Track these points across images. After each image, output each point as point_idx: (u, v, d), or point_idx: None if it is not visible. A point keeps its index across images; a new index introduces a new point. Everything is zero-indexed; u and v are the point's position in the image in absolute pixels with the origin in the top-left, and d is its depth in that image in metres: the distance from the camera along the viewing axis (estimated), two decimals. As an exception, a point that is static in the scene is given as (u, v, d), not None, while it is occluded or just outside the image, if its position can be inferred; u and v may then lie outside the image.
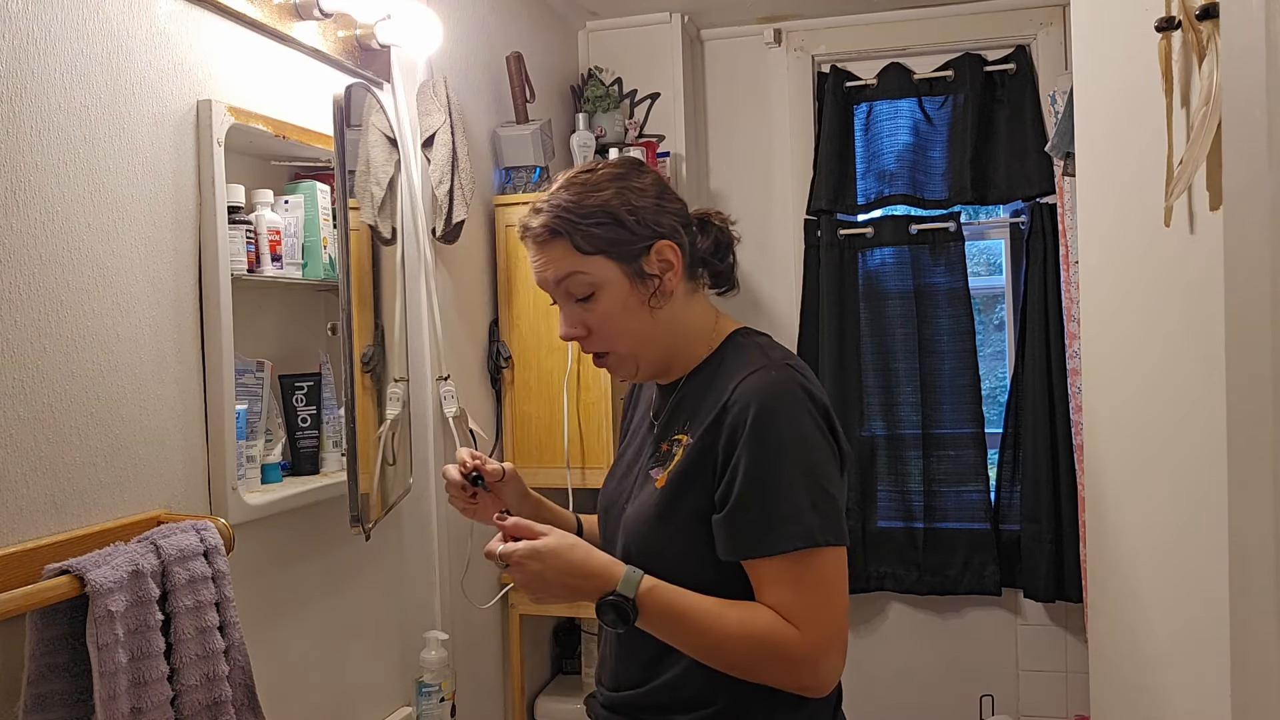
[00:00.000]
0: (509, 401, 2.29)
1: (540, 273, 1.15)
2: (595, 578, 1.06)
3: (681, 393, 1.18)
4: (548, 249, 1.14)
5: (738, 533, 1.04)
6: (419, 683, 1.87)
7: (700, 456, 1.09)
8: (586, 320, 1.15)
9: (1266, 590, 0.59)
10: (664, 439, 1.17)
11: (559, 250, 1.13)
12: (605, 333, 1.15)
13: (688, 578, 1.07)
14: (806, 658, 1.02)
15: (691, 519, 1.09)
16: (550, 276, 1.14)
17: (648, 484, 1.15)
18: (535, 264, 1.16)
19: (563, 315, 1.17)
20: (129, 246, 1.26)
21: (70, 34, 1.18)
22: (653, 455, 1.18)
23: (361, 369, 1.55)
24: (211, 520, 1.25)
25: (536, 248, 1.15)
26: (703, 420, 1.10)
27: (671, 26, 2.92)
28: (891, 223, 2.98)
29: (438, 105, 1.95)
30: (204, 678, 1.18)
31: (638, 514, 1.14)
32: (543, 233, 1.13)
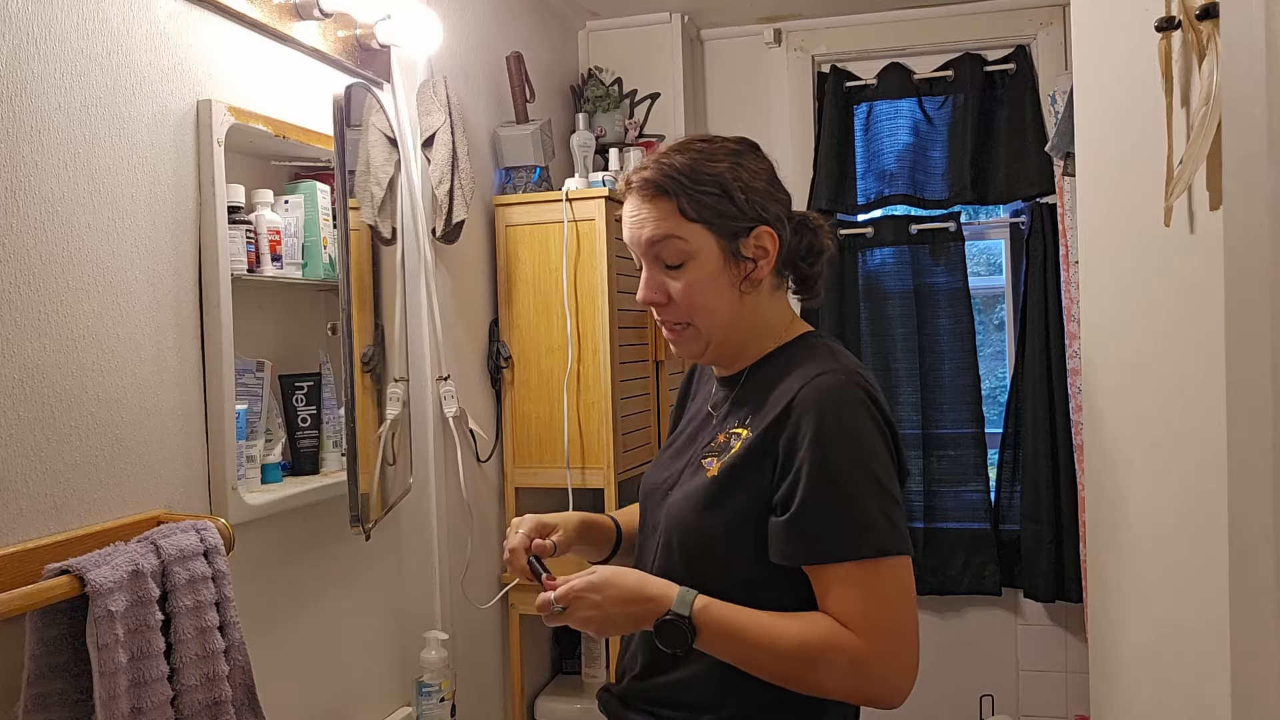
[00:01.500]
0: (509, 401, 2.29)
1: (635, 229, 1.12)
2: (651, 600, 1.05)
3: (744, 387, 1.16)
4: (650, 205, 1.11)
5: (804, 537, 1.02)
6: (419, 683, 1.87)
7: (757, 453, 1.07)
8: (670, 288, 1.12)
9: (1266, 589, 0.59)
10: (721, 430, 1.15)
11: (662, 210, 1.10)
12: (687, 304, 1.12)
13: (725, 572, 1.07)
14: (871, 667, 0.99)
15: (738, 515, 1.07)
16: (646, 235, 1.11)
17: (699, 473, 1.13)
18: (632, 219, 1.13)
19: (645, 277, 1.13)
20: (129, 246, 1.26)
21: (70, 34, 1.18)
22: (708, 445, 1.16)
23: (361, 369, 1.55)
24: (211, 520, 1.25)
25: (639, 201, 1.12)
26: (764, 417, 1.08)
27: (671, 26, 2.92)
28: (891, 223, 2.98)
29: (438, 105, 1.95)
30: (204, 677, 1.18)
31: (684, 501, 1.13)
32: (650, 188, 1.11)
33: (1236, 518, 0.65)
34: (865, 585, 1.00)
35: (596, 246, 2.21)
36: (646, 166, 1.12)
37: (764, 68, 3.06)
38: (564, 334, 2.23)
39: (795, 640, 1.01)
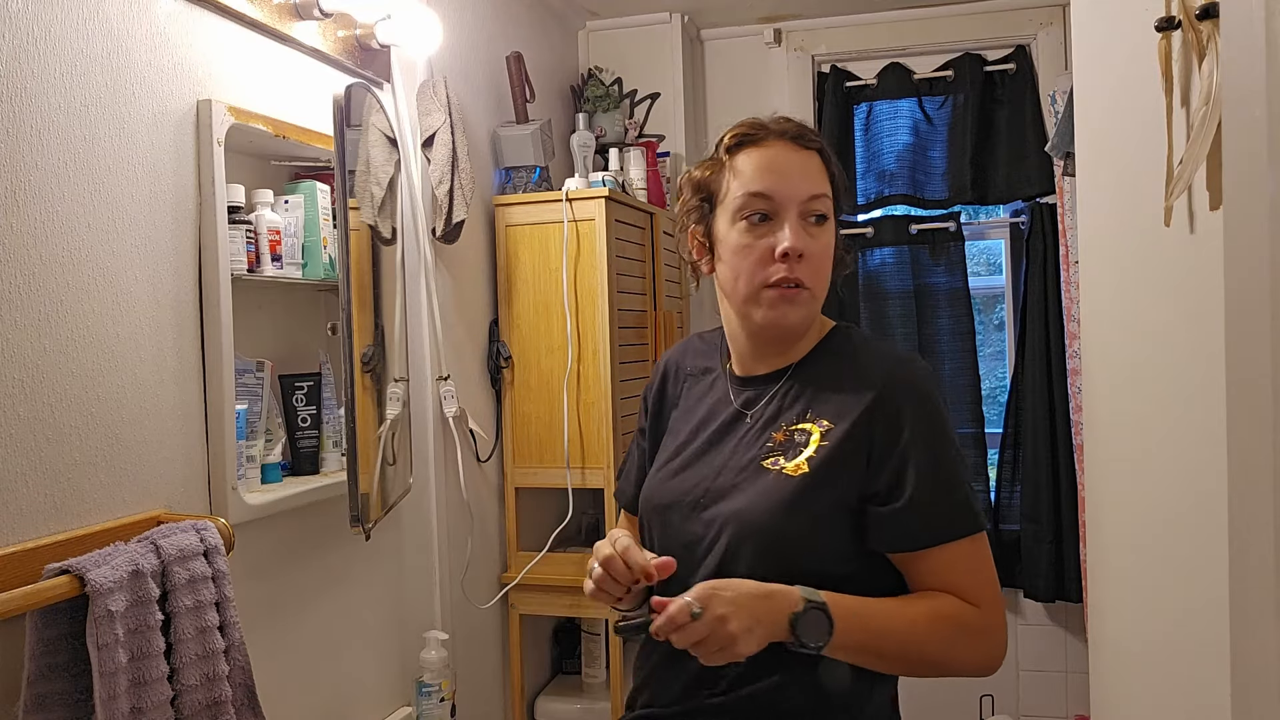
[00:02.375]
0: (509, 401, 2.29)
1: (795, 177, 1.09)
2: (774, 595, 0.99)
3: (793, 381, 1.14)
4: (809, 158, 1.12)
5: (920, 521, 1.03)
6: (419, 683, 1.87)
7: (850, 446, 1.06)
8: (809, 246, 1.09)
9: (1266, 589, 0.59)
10: (774, 429, 1.11)
11: (818, 165, 1.12)
12: (817, 264, 1.11)
13: (813, 571, 1.04)
14: (993, 633, 1.04)
15: (831, 510, 1.06)
16: (808, 187, 1.10)
17: (762, 475, 1.08)
18: (789, 170, 1.10)
19: (794, 230, 1.08)
20: (129, 246, 1.26)
21: (70, 34, 1.18)
22: (763, 446, 1.11)
23: (361, 369, 1.55)
24: (211, 520, 1.25)
25: (797, 150, 1.11)
26: (848, 409, 1.07)
27: (671, 26, 2.92)
28: (891, 223, 2.98)
29: (438, 105, 1.95)
30: (204, 677, 1.18)
31: (758, 505, 1.07)
32: (812, 141, 1.12)
33: (1236, 517, 0.65)
34: (974, 559, 1.05)
35: (596, 246, 2.21)
36: (798, 122, 1.13)
37: (764, 68, 3.06)
38: (564, 334, 2.23)
39: (929, 617, 1.03)
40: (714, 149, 1.18)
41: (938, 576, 1.05)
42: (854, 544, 1.07)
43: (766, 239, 1.09)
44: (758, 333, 1.15)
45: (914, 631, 1.02)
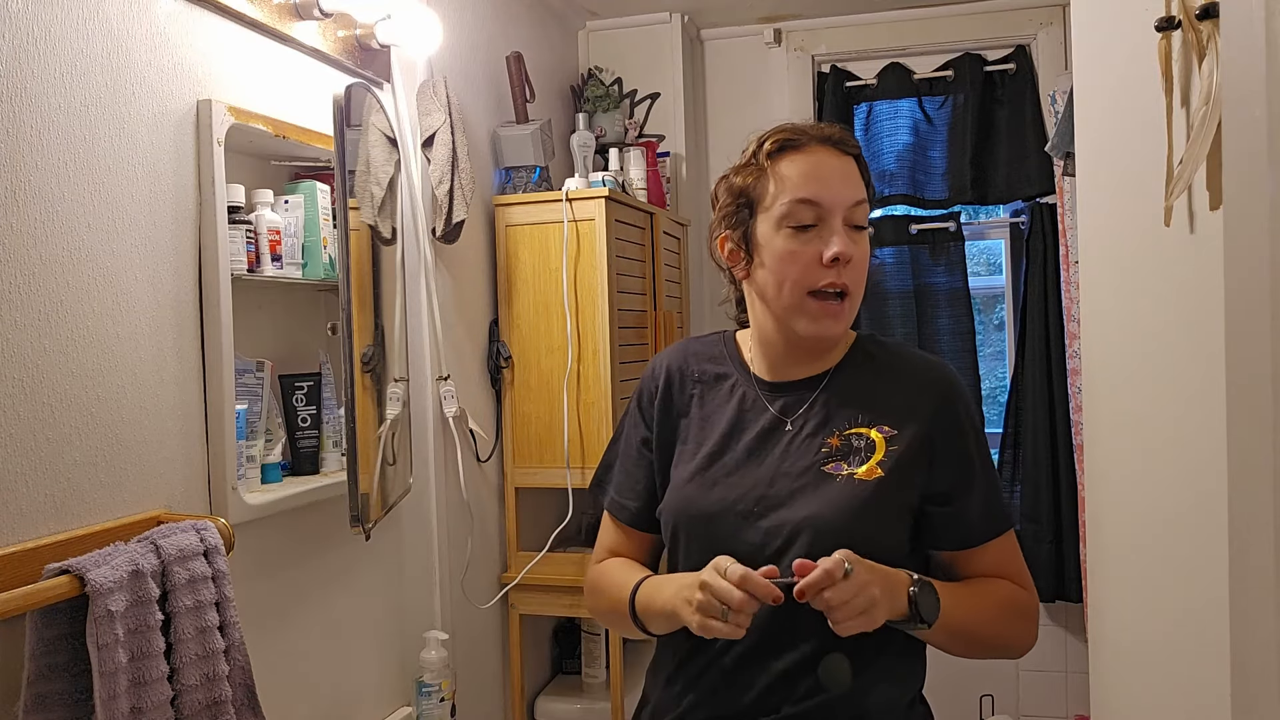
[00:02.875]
0: (509, 401, 2.29)
1: (842, 187, 1.10)
2: (891, 571, 1.02)
3: (833, 388, 1.15)
4: (850, 165, 1.14)
5: (983, 518, 1.11)
6: (419, 683, 1.87)
7: (916, 450, 1.09)
8: (854, 253, 1.10)
9: (1266, 589, 0.59)
10: (825, 435, 1.12)
11: (856, 171, 1.14)
12: (859, 270, 1.12)
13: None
14: (1037, 615, 1.15)
15: (900, 512, 1.10)
16: (853, 193, 1.11)
17: (827, 481, 1.08)
18: (835, 177, 1.11)
19: (843, 237, 1.09)
20: (129, 246, 1.26)
21: (70, 34, 1.18)
22: (818, 452, 1.11)
23: (361, 369, 1.55)
24: (211, 520, 1.25)
25: (840, 157, 1.13)
26: (906, 413, 1.11)
27: (671, 26, 2.92)
28: (891, 223, 2.98)
29: (438, 105, 1.95)
30: (204, 677, 1.18)
31: (831, 510, 1.06)
32: (853, 148, 1.15)
33: (1236, 517, 0.65)
34: (1014, 548, 1.14)
35: (596, 246, 2.21)
36: (831, 127, 1.15)
37: (764, 68, 3.06)
38: (564, 334, 2.23)
39: (1000, 601, 1.11)
40: (752, 154, 1.17)
41: (991, 568, 1.12)
42: (908, 544, 1.11)
43: (813, 245, 1.09)
44: (798, 342, 1.15)
45: (991, 613, 1.10)
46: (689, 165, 2.96)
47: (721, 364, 1.23)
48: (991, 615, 1.10)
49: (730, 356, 1.23)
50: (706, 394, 1.21)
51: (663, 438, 1.22)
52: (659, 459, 1.22)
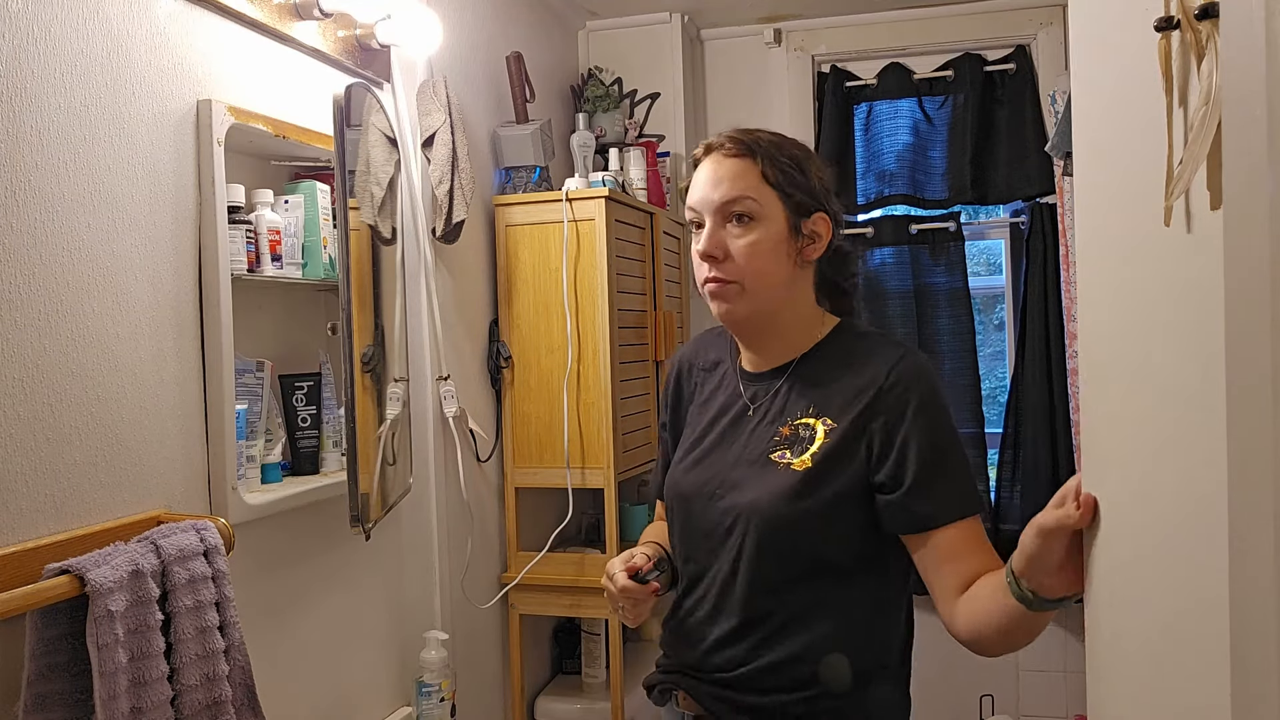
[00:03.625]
0: (509, 401, 2.29)
1: (710, 188, 1.18)
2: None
3: (795, 377, 1.22)
4: (729, 166, 1.18)
5: (927, 505, 1.11)
6: (419, 683, 1.87)
7: (850, 440, 1.14)
8: (731, 245, 1.17)
9: (1267, 591, 0.59)
10: (780, 424, 1.19)
11: (741, 169, 1.18)
12: (743, 262, 1.17)
13: (828, 557, 1.15)
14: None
15: (835, 500, 1.14)
16: (720, 195, 1.17)
17: (769, 469, 1.17)
18: (706, 181, 1.19)
19: (709, 233, 1.18)
20: (129, 246, 1.26)
21: (70, 34, 1.18)
22: (770, 440, 1.19)
23: (361, 369, 1.55)
24: (211, 520, 1.25)
25: (716, 163, 1.19)
26: (849, 404, 1.15)
27: (671, 26, 2.92)
28: (891, 223, 2.98)
29: (438, 105, 1.95)
30: (204, 677, 1.18)
31: (767, 497, 1.15)
32: (735, 149, 1.18)
33: (1236, 519, 0.65)
34: (982, 537, 1.14)
35: (596, 246, 2.21)
36: (729, 134, 1.21)
37: (764, 68, 3.06)
38: (564, 334, 2.23)
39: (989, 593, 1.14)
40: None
41: (958, 555, 1.12)
42: (862, 532, 1.15)
43: (697, 245, 1.21)
44: (733, 329, 1.26)
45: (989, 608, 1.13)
46: (689, 165, 2.96)
47: (721, 352, 1.33)
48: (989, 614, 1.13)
49: (730, 348, 1.32)
50: (706, 382, 1.32)
51: (675, 423, 1.36)
52: (672, 441, 1.36)
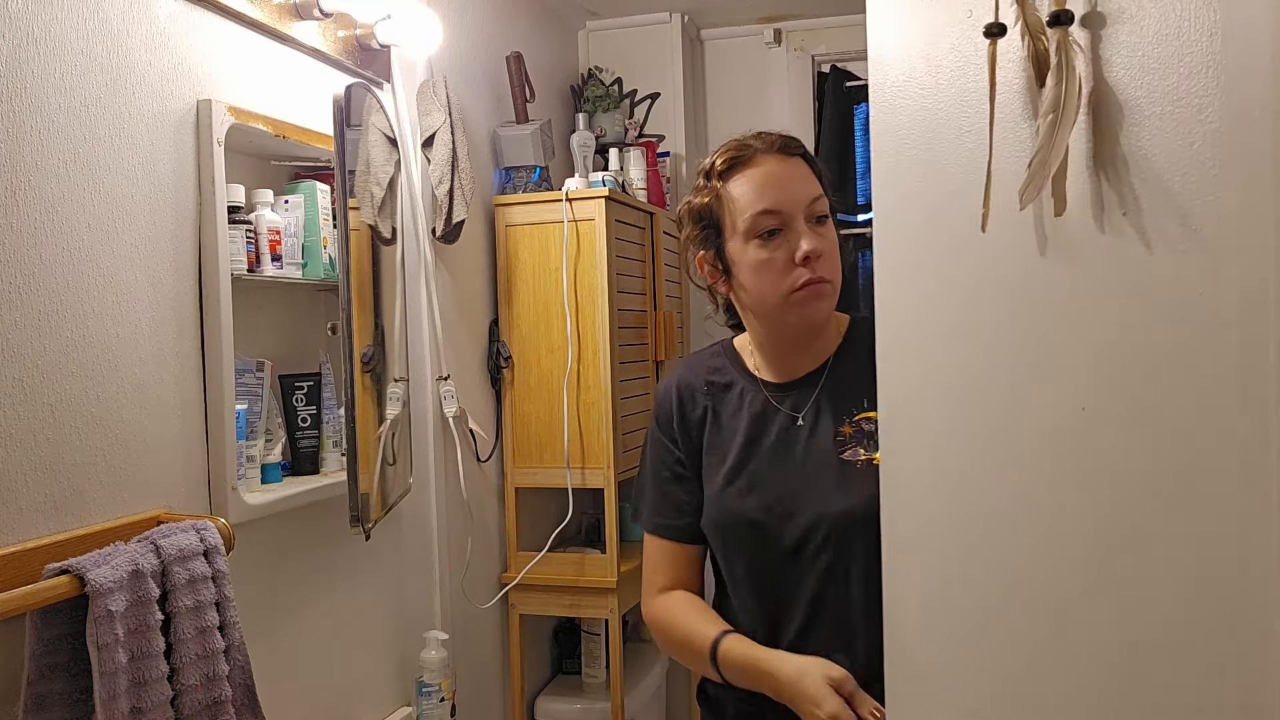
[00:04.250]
0: (509, 401, 2.29)
1: (795, 186, 1.15)
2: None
3: (835, 376, 1.19)
4: (798, 165, 1.17)
5: None
6: (419, 683, 1.87)
7: None
8: (823, 245, 1.14)
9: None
10: (838, 423, 1.16)
11: (806, 169, 1.17)
12: (832, 261, 1.15)
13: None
14: None
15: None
16: (807, 191, 1.15)
17: (847, 470, 1.13)
18: (785, 181, 1.15)
19: (810, 233, 1.14)
20: (129, 246, 1.26)
21: (70, 34, 1.18)
22: (835, 441, 1.15)
23: (361, 369, 1.55)
24: (211, 520, 1.25)
25: (787, 161, 1.16)
26: None
27: (671, 26, 2.92)
28: (891, 223, 2.98)
29: (438, 105, 1.95)
30: (204, 677, 1.18)
31: (863, 500, 1.08)
32: (790, 149, 1.17)
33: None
34: None
35: (596, 246, 2.21)
36: (777, 136, 1.18)
37: (764, 68, 3.06)
38: (564, 334, 2.23)
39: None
40: (704, 175, 1.22)
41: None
42: None
43: (783, 249, 1.14)
44: (794, 336, 1.20)
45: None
46: (689, 165, 2.96)
47: (726, 374, 1.27)
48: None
49: (734, 365, 1.28)
50: (719, 405, 1.25)
51: (690, 453, 1.26)
52: (693, 472, 1.26)
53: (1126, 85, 0.68)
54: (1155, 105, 0.66)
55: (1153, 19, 0.67)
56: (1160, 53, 0.66)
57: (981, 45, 0.73)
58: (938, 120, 0.78)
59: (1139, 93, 0.67)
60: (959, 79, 0.76)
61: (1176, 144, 0.66)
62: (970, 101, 0.76)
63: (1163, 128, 0.66)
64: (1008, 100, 0.73)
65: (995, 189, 0.73)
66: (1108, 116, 0.68)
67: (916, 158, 0.79)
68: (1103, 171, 0.68)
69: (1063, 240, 0.71)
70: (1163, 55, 0.66)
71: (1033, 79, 0.71)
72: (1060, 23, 0.67)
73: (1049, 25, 0.68)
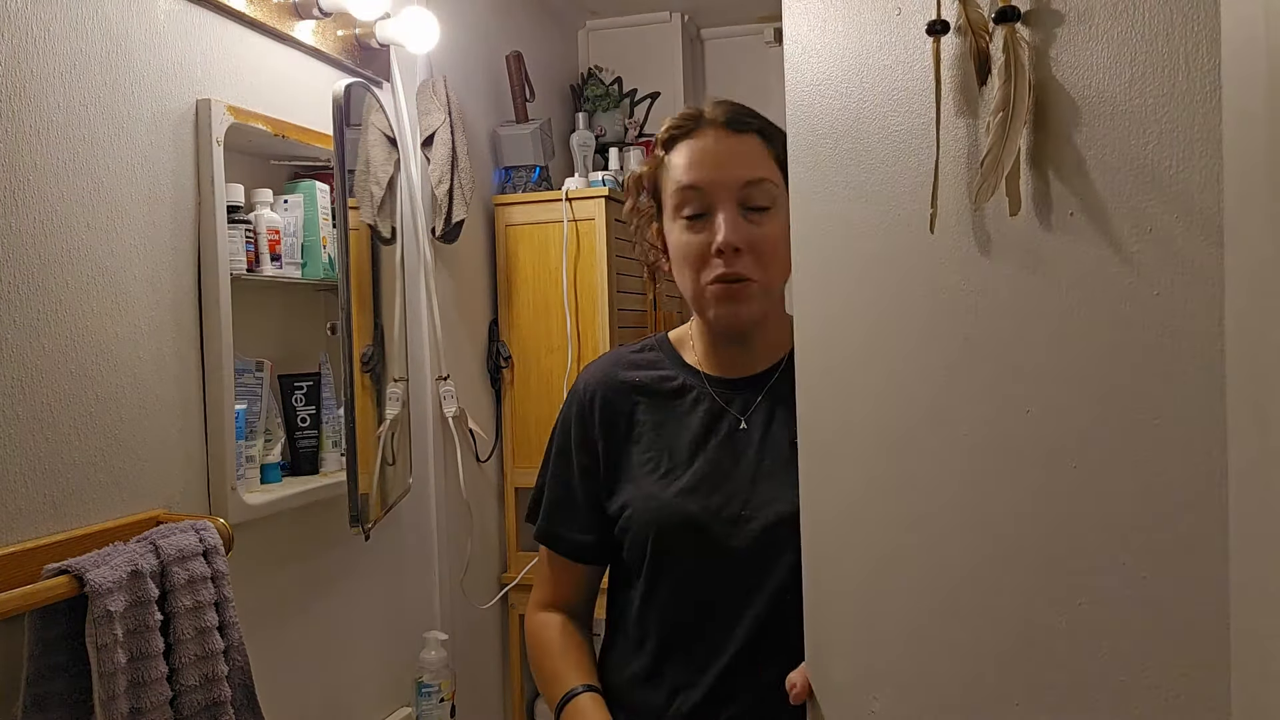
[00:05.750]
0: (509, 401, 2.29)
1: (726, 166, 1.02)
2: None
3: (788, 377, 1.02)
4: (743, 142, 1.04)
5: None
6: (419, 683, 1.87)
7: None
8: (751, 237, 1.02)
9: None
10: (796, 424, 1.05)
11: (755, 148, 1.04)
12: (763, 258, 1.02)
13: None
14: None
15: None
16: (741, 174, 1.02)
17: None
18: (713, 157, 1.03)
19: (729, 222, 1.01)
20: (128, 246, 1.25)
21: (70, 34, 1.17)
22: (791, 444, 1.00)
23: (361, 369, 1.55)
24: (211, 520, 1.24)
25: (729, 137, 1.04)
26: None
27: (671, 26, 2.92)
28: (891, 222, 2.98)
29: (437, 104, 1.95)
30: (203, 678, 1.18)
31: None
32: (749, 123, 1.04)
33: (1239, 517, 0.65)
34: None
35: (596, 246, 2.21)
36: (726, 106, 1.06)
37: (764, 67, 3.06)
38: (564, 334, 2.23)
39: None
40: (654, 144, 1.12)
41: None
42: None
43: (703, 235, 1.03)
44: (724, 333, 1.09)
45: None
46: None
47: (661, 368, 1.15)
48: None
49: (671, 359, 1.16)
50: (654, 402, 1.12)
51: (609, 456, 1.12)
52: (605, 480, 1.12)
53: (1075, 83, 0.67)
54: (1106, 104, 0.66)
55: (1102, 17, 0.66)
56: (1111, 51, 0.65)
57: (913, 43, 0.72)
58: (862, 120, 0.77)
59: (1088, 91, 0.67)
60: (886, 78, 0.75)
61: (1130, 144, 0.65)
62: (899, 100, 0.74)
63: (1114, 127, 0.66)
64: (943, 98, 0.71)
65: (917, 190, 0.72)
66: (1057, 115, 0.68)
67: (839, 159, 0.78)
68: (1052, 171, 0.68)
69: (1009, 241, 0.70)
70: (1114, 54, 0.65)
71: (971, 77, 0.70)
72: (1007, 19, 0.67)
73: (994, 22, 0.68)
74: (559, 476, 1.16)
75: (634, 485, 1.09)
